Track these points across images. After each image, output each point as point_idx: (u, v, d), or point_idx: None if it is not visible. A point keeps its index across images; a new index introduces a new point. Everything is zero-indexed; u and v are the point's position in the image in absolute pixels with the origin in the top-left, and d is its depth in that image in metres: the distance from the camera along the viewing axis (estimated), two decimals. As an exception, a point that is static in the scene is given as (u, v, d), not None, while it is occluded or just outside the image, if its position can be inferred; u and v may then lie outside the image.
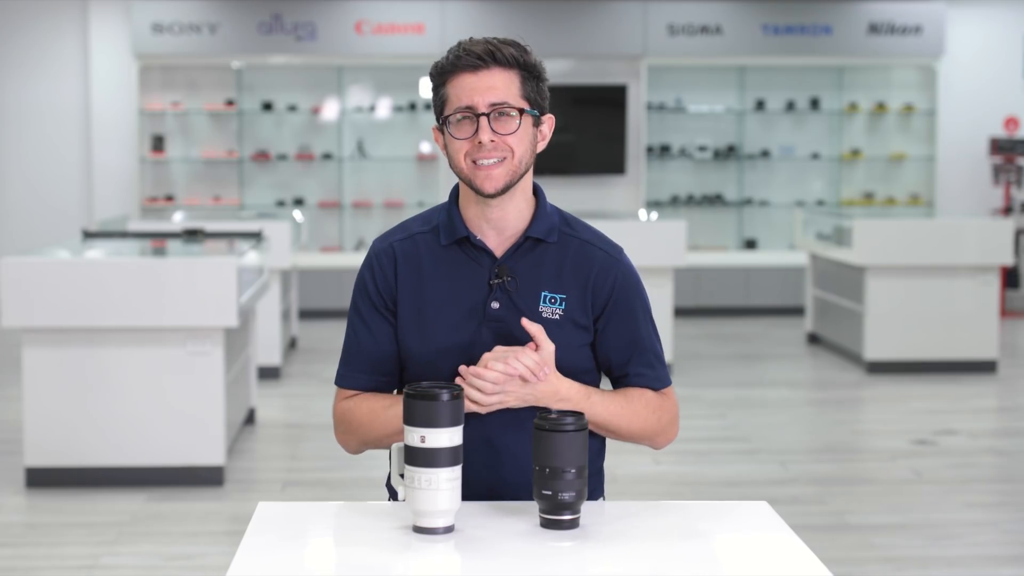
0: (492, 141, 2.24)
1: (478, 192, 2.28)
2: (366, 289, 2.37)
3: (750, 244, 11.85)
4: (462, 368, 2.22)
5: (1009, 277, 11.28)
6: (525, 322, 2.24)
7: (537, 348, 2.23)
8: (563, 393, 2.26)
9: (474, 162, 2.25)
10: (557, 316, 2.31)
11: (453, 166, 2.29)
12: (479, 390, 2.20)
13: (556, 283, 2.32)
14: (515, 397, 2.23)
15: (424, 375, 2.30)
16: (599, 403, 2.30)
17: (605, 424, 2.31)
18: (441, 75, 2.28)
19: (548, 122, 2.35)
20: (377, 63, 11.46)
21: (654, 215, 10.03)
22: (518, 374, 2.21)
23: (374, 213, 11.66)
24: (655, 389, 2.38)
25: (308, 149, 11.53)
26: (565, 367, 2.30)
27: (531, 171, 2.34)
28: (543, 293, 2.32)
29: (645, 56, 11.47)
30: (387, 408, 2.31)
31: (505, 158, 2.25)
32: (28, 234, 10.95)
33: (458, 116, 2.25)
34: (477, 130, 2.24)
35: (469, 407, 2.21)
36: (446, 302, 2.32)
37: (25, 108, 11.24)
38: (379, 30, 11.26)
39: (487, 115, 2.24)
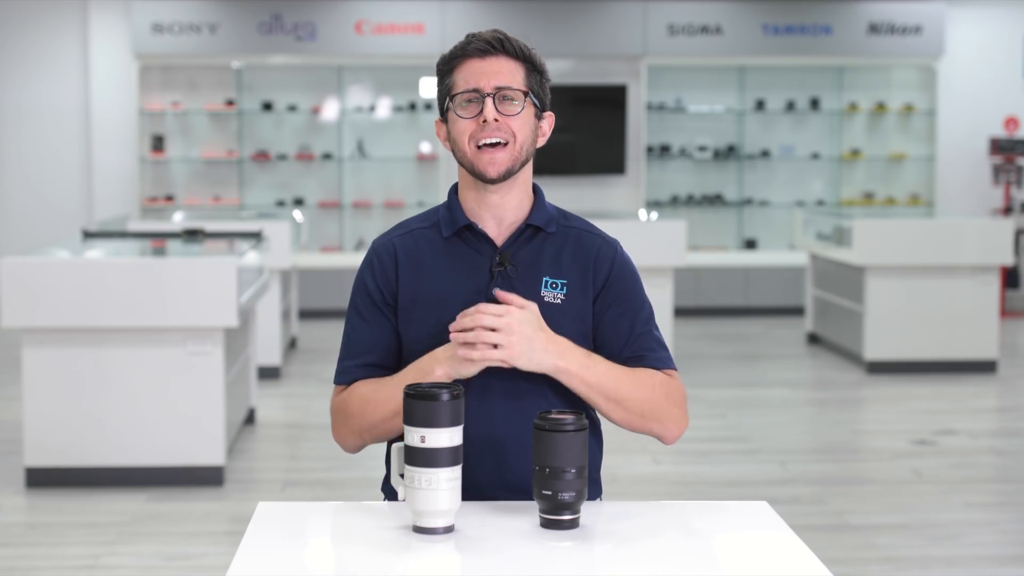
0: (496, 120, 2.27)
1: (480, 177, 2.30)
2: (366, 286, 2.38)
3: (750, 244, 11.85)
4: (461, 313, 2.22)
5: (1009, 277, 11.28)
6: (498, 292, 2.26)
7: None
8: (564, 346, 2.25)
9: (478, 146, 2.28)
10: (559, 301, 2.33)
11: (456, 151, 2.32)
12: (480, 325, 2.18)
13: (556, 269, 2.34)
14: (518, 337, 2.19)
15: None
16: (602, 362, 2.28)
17: (609, 387, 2.27)
18: (449, 62, 2.33)
19: (548, 119, 2.38)
20: (377, 63, 11.46)
21: (654, 215, 10.03)
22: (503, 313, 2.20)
23: (374, 213, 11.66)
24: (659, 369, 2.37)
25: (308, 149, 11.54)
26: None
27: (531, 165, 2.37)
28: (544, 278, 2.34)
29: (645, 56, 11.47)
30: (376, 391, 2.31)
31: (508, 142, 2.29)
32: (28, 234, 10.96)
33: (464, 99, 2.29)
34: (482, 110, 2.27)
35: (465, 356, 2.20)
36: (448, 291, 2.33)
37: (25, 108, 11.24)
38: (379, 30, 11.27)
39: (492, 96, 2.28)
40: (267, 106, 11.44)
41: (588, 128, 11.49)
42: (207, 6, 11.17)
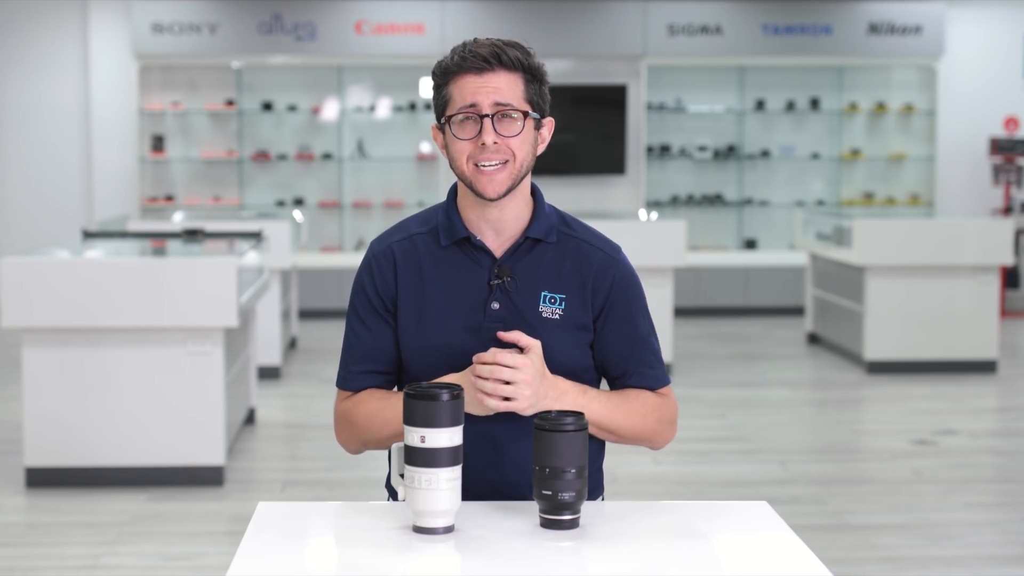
0: (495, 143, 2.23)
1: (480, 195, 2.27)
2: (365, 291, 2.36)
3: (750, 244, 11.85)
4: (477, 356, 2.20)
5: (1009, 277, 11.28)
6: (502, 334, 2.25)
7: (524, 349, 2.23)
8: (562, 386, 2.26)
9: (476, 165, 2.25)
10: (557, 316, 2.31)
11: (454, 168, 2.29)
12: (496, 378, 2.17)
13: (556, 283, 2.32)
14: (531, 391, 2.19)
15: (424, 376, 2.30)
16: (595, 399, 2.29)
17: (603, 422, 2.30)
18: (445, 75, 2.28)
19: (548, 125, 2.35)
20: (377, 63, 11.46)
21: (654, 215, 10.03)
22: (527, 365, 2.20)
23: (374, 213, 11.66)
24: (653, 389, 2.38)
25: (308, 149, 11.54)
26: (565, 367, 2.30)
27: (530, 173, 2.34)
28: (543, 293, 2.32)
29: (645, 56, 11.47)
30: (383, 410, 2.31)
31: (507, 161, 2.25)
32: (28, 234, 10.96)
33: (461, 117, 2.25)
34: (480, 131, 2.24)
35: (481, 400, 2.19)
36: (446, 303, 2.31)
37: (25, 108, 11.24)
38: (379, 30, 11.26)
39: (491, 116, 2.23)
40: (267, 106, 11.44)
41: (588, 128, 11.48)
42: (207, 6, 11.17)
